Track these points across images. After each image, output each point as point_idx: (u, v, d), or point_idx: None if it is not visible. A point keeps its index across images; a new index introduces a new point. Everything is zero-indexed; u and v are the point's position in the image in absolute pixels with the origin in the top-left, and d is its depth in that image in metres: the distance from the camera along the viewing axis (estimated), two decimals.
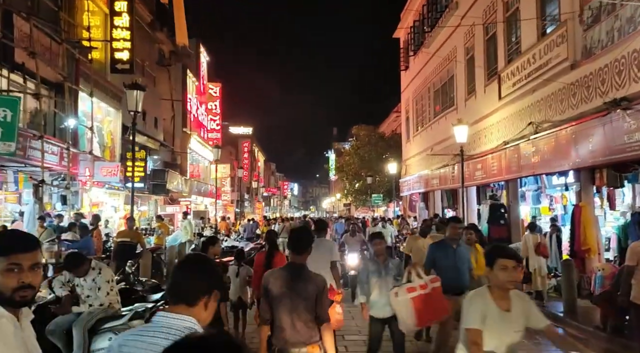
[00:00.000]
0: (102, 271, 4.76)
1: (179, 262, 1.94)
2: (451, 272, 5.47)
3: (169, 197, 25.21)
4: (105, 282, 4.74)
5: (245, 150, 54.59)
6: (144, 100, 22.28)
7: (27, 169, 12.26)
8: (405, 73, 24.85)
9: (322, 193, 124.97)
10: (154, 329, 1.65)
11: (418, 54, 22.00)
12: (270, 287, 3.43)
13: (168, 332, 1.61)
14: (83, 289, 4.74)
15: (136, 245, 8.58)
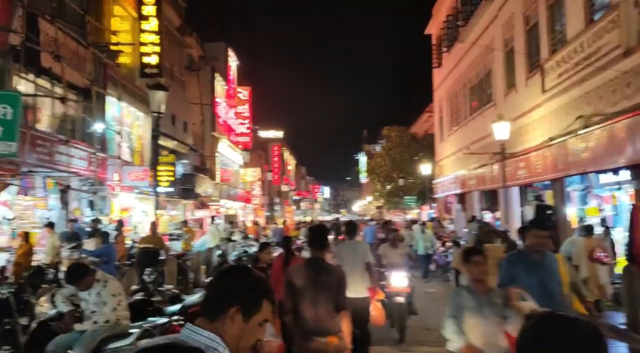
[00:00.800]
0: (108, 284, 4.30)
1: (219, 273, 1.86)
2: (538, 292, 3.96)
3: (198, 202, 25.08)
4: (111, 295, 4.28)
5: (276, 154, 54.45)
6: (173, 104, 22.35)
7: (55, 174, 12.13)
8: (437, 70, 24.03)
9: (353, 196, 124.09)
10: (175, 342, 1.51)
11: (452, 50, 21.16)
12: (294, 281, 3.69)
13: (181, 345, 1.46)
14: (88, 304, 4.30)
15: (159, 252, 8.21)
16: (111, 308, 4.26)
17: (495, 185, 15.24)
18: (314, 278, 3.69)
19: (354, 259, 5.85)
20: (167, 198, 19.09)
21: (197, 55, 29.97)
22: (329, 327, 3.61)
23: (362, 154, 79.18)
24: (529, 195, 15.66)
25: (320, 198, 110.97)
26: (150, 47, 18.18)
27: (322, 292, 3.66)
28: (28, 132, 10.50)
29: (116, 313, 4.27)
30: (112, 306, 4.26)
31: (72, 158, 12.34)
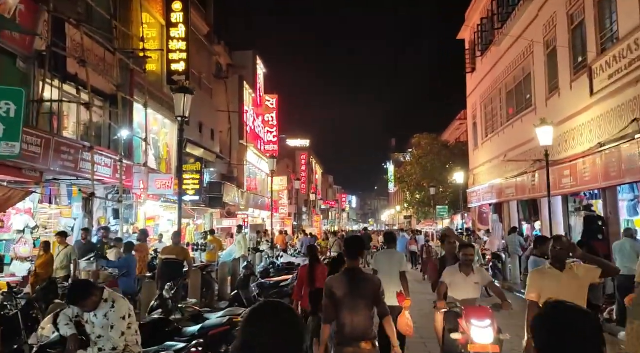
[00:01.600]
0: (115, 304, 3.71)
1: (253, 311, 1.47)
2: None
3: (225, 211, 24.76)
4: (119, 318, 3.69)
5: (303, 163, 54.10)
6: (200, 112, 22.16)
7: (81, 183, 11.87)
8: (471, 76, 23.19)
9: (381, 205, 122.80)
10: None
11: (486, 54, 20.34)
12: (334, 291, 3.82)
13: None
14: (94, 327, 3.75)
15: (183, 263, 7.71)
16: (119, 332, 3.68)
17: (536, 194, 14.34)
18: (352, 287, 3.85)
19: (390, 268, 6.17)
20: (193, 207, 18.78)
21: (225, 64, 29.90)
22: (364, 333, 3.75)
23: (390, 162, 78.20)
24: (570, 205, 14.72)
25: (348, 207, 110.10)
26: (178, 54, 18.03)
27: (361, 300, 3.81)
28: (53, 138, 10.26)
29: (125, 338, 3.70)
30: (120, 330, 3.68)
31: (97, 165, 12.08)
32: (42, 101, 10.68)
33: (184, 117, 8.72)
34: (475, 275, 5.47)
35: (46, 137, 10.13)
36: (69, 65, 11.86)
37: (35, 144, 9.75)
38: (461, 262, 5.55)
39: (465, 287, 5.40)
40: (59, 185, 11.85)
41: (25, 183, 10.33)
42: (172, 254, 7.65)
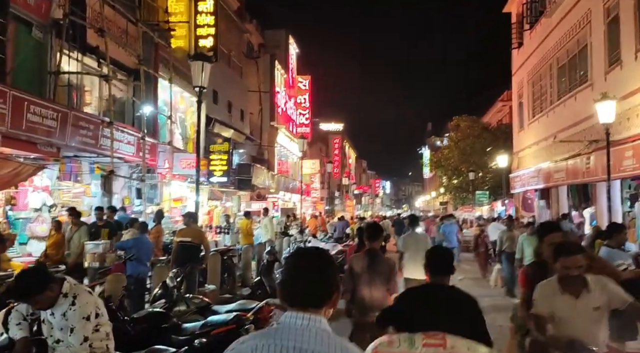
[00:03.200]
0: (77, 301, 2.84)
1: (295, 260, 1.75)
2: None
3: (255, 193, 24.18)
4: (80, 319, 2.82)
5: (336, 147, 53.17)
6: (230, 92, 21.46)
7: (103, 160, 11.35)
8: (517, 52, 21.59)
9: (415, 191, 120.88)
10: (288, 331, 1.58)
11: (535, 27, 18.77)
12: (354, 267, 4.58)
13: (303, 333, 1.56)
14: (52, 329, 2.89)
15: (199, 247, 7.02)
16: (80, 337, 2.81)
17: (590, 178, 12.99)
18: (370, 265, 4.51)
19: (416, 248, 6.88)
20: (221, 188, 18.22)
21: (257, 43, 29.09)
22: (381, 305, 4.18)
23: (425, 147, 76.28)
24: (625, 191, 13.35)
25: (382, 193, 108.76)
26: (206, 29, 17.29)
27: (376, 277, 4.46)
28: (70, 112, 9.72)
29: (90, 344, 2.86)
30: (83, 334, 2.82)
31: (119, 142, 11.54)
32: (58, 73, 10.12)
33: (202, 87, 7.96)
34: (591, 294, 3.14)
35: (63, 111, 9.59)
36: (89, 36, 11.29)
37: (51, 118, 9.21)
38: (560, 276, 3.21)
39: (575, 316, 3.14)
40: (80, 162, 11.38)
41: (42, 159, 9.85)
42: (186, 237, 6.96)
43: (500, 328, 5.36)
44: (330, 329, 1.61)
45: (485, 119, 34.15)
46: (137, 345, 3.47)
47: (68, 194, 12.15)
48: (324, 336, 1.56)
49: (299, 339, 1.54)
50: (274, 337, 1.57)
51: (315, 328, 1.57)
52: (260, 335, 1.65)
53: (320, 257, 1.72)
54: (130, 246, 6.44)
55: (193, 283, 6.85)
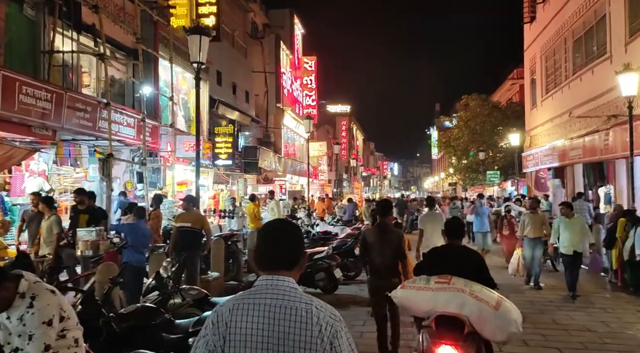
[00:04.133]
0: (36, 302, 2.40)
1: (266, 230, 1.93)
2: None
3: (262, 176, 23.82)
4: (40, 324, 2.39)
5: (343, 129, 52.59)
6: (234, 72, 20.94)
7: (102, 143, 10.98)
8: (530, 26, 20.82)
9: (423, 173, 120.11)
10: (262, 290, 1.77)
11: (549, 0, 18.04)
12: (367, 238, 5.30)
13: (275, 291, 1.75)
14: (9, 335, 2.44)
15: (200, 232, 6.64)
16: (41, 346, 2.38)
17: (609, 155, 12.43)
18: (381, 236, 5.15)
19: (433, 226, 7.96)
20: (226, 171, 17.86)
21: (261, 23, 28.44)
22: (392, 271, 5.05)
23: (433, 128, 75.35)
24: None
25: (389, 175, 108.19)
26: (207, 7, 16.76)
27: (387, 246, 5.09)
28: (65, 93, 9.32)
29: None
30: (43, 342, 2.38)
31: (118, 125, 11.16)
32: (52, 52, 9.70)
33: (201, 63, 7.51)
34: None
35: (57, 92, 9.19)
36: (85, 14, 10.82)
37: (45, 99, 8.82)
38: None
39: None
40: (79, 145, 11.03)
41: (38, 143, 9.50)
42: (186, 222, 6.58)
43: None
44: (298, 287, 1.80)
45: (494, 98, 33.37)
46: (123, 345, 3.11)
47: (69, 179, 11.85)
48: (292, 292, 1.74)
49: (271, 296, 1.73)
50: (250, 297, 1.76)
51: (284, 287, 1.76)
52: (237, 296, 1.83)
53: (287, 227, 1.93)
54: (125, 231, 6.07)
55: (195, 270, 6.52)
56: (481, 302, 3.73)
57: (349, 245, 9.37)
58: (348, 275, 9.40)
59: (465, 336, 3.67)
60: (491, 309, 3.71)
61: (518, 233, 9.67)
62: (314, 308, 1.70)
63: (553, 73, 18.16)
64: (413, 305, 4.07)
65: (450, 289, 3.84)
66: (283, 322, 1.68)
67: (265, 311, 1.70)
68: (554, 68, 17.99)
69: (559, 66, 17.48)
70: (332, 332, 1.68)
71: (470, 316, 3.72)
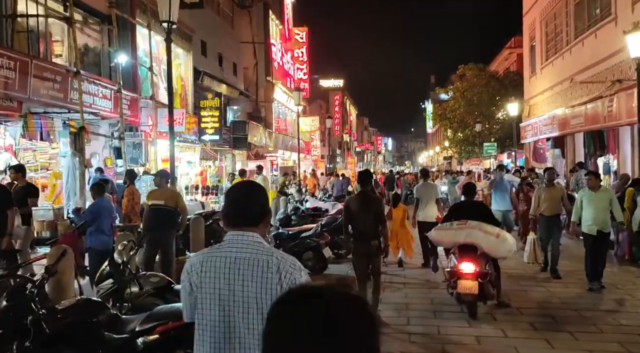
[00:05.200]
0: None
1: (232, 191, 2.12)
2: None
3: (252, 152, 23.14)
4: None
5: (337, 104, 51.66)
6: (220, 42, 19.98)
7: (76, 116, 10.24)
8: None
9: (417, 147, 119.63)
10: (229, 245, 1.93)
11: None
12: (350, 206, 5.70)
13: (240, 245, 1.91)
14: None
15: (174, 210, 5.98)
16: None
17: (612, 122, 11.81)
18: (363, 204, 5.63)
19: (427, 196, 8.62)
20: (214, 147, 17.16)
21: None
22: (373, 235, 5.57)
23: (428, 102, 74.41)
24: None
25: (384, 150, 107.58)
26: None
27: (369, 213, 5.54)
28: (31, 61, 8.58)
29: None
30: None
31: (93, 96, 10.44)
32: (15, 16, 8.89)
33: (171, 22, 6.74)
34: None
35: (22, 59, 8.45)
36: None
37: (8, 67, 8.09)
38: None
39: None
40: (51, 118, 10.30)
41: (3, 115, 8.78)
42: (158, 199, 5.93)
43: None
44: (263, 240, 1.95)
45: (492, 68, 32.55)
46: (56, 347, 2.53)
47: (44, 156, 11.15)
48: (257, 245, 1.91)
49: (237, 249, 1.90)
50: (218, 251, 1.94)
51: (249, 241, 1.92)
52: (208, 250, 2.03)
53: (251, 187, 2.10)
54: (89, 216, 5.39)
55: (170, 251, 5.91)
56: (487, 234, 5.78)
57: (339, 222, 8.79)
58: (338, 254, 8.85)
59: (478, 256, 5.75)
60: (494, 238, 5.78)
61: (531, 211, 8.05)
62: (274, 259, 1.85)
63: (553, 38, 17.41)
64: (444, 240, 6.30)
65: (467, 228, 5.90)
66: (246, 272, 1.84)
67: (230, 262, 1.87)
68: (555, 33, 17.23)
69: (559, 31, 16.72)
70: (291, 279, 1.82)
71: (480, 243, 5.76)
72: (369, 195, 5.77)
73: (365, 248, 5.48)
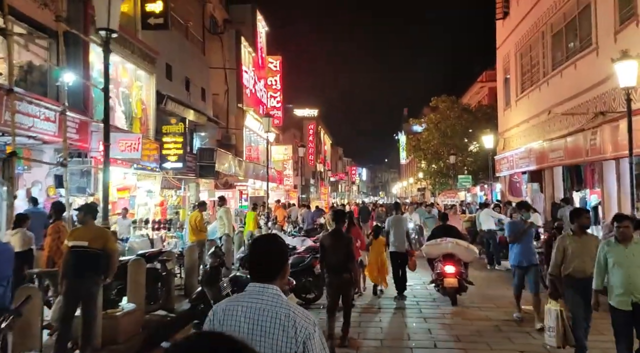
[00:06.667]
0: None
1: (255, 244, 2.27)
2: None
3: (221, 181, 22.02)
4: None
5: (311, 132, 51.15)
6: (187, 66, 19.04)
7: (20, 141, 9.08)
8: (502, 23, 19.82)
9: (391, 178, 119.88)
10: (249, 295, 2.07)
11: None
12: (324, 243, 6.46)
13: (260, 296, 2.05)
14: None
15: (100, 254, 4.86)
16: None
17: (598, 156, 11.27)
18: (335, 240, 6.37)
19: (398, 228, 9.58)
20: (177, 175, 16.00)
21: (221, 18, 26.65)
22: (344, 269, 6.24)
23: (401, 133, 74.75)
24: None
25: (358, 180, 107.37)
26: None
27: (340, 248, 6.25)
28: None
29: None
30: None
31: (33, 118, 9.31)
32: None
33: (110, 30, 5.79)
34: None
35: None
36: None
37: None
38: None
39: None
40: None
41: None
42: (81, 240, 4.84)
43: None
44: (282, 293, 2.09)
45: (463, 101, 32.52)
46: None
47: None
48: (275, 298, 2.04)
49: (256, 301, 2.03)
50: (240, 300, 2.08)
51: (269, 293, 2.06)
52: (231, 298, 2.18)
53: (271, 241, 2.31)
54: None
55: (92, 305, 4.79)
56: (460, 246, 8.97)
57: (307, 263, 7.79)
58: (307, 298, 7.81)
59: (456, 261, 8.67)
60: (465, 248, 9.04)
61: (551, 268, 5.74)
62: (291, 313, 1.99)
63: (529, 70, 17.12)
64: (432, 252, 9.16)
65: (446, 242, 8.99)
66: (265, 323, 1.98)
67: (250, 313, 2.02)
68: (531, 65, 16.95)
69: (535, 63, 16.43)
70: (306, 334, 1.94)
71: (456, 252, 8.83)
72: (341, 232, 6.52)
73: (337, 280, 6.21)
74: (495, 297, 9.35)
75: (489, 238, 13.37)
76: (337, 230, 6.47)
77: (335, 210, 7.59)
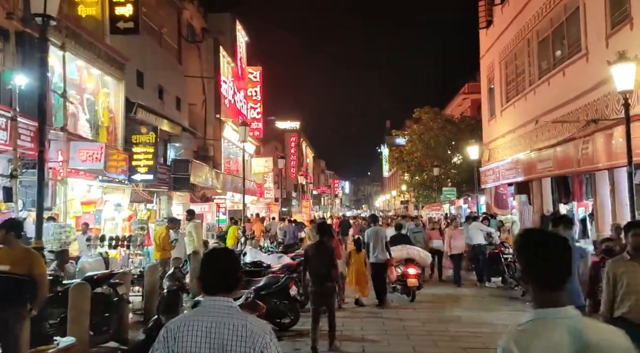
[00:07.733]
0: None
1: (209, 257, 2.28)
2: None
3: (198, 194, 21.09)
4: None
5: (292, 145, 50.44)
6: (161, 74, 18.18)
7: None
8: (486, 32, 19.47)
9: (374, 191, 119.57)
10: (204, 310, 2.12)
11: (508, 0, 16.66)
12: (308, 253, 6.94)
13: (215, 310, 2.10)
14: None
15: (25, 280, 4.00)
16: None
17: (590, 166, 10.71)
18: (319, 251, 6.78)
19: (377, 239, 10.32)
20: (148, 188, 15.05)
21: (199, 27, 25.88)
22: (327, 277, 6.65)
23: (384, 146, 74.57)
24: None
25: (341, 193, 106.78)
26: None
27: (323, 259, 6.67)
28: None
29: None
30: None
31: None
32: None
33: (47, 16, 4.99)
34: None
35: None
36: None
37: None
38: None
39: None
40: None
41: None
42: (2, 263, 3.97)
43: None
44: (236, 305, 2.19)
45: (446, 113, 32.21)
46: None
47: None
48: (230, 311, 2.10)
49: (212, 314, 2.07)
50: (195, 316, 2.11)
51: (223, 306, 2.11)
52: (185, 315, 2.21)
53: (225, 256, 2.31)
54: None
55: (13, 342, 3.92)
56: (419, 252, 11.38)
57: (282, 284, 6.99)
58: (281, 324, 6.98)
59: (415, 264, 10.80)
60: (424, 254, 11.56)
61: (603, 308, 4.32)
62: (248, 324, 2.05)
63: (514, 79, 16.70)
64: (397, 256, 10.60)
65: (407, 249, 11.24)
66: (222, 335, 2.02)
67: (207, 327, 2.04)
68: (516, 74, 16.53)
69: (521, 71, 16.00)
70: (263, 343, 2.01)
71: (416, 257, 11.05)
72: (325, 243, 6.98)
73: (320, 289, 6.59)
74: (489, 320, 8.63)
75: (479, 254, 12.69)
76: (320, 241, 6.92)
77: (319, 224, 8.34)
